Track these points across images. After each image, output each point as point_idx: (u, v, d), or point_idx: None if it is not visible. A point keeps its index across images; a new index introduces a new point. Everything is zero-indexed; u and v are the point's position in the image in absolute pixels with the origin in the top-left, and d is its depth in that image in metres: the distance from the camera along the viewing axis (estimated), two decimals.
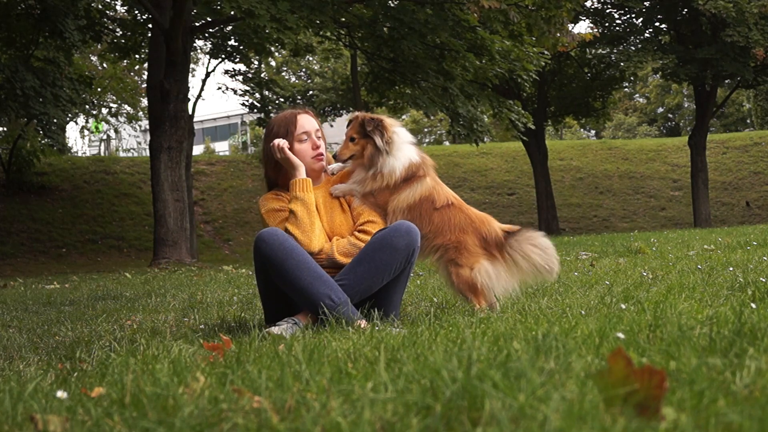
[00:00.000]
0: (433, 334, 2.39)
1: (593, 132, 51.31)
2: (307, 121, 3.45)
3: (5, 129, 22.94)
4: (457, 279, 3.37)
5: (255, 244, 3.17)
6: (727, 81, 24.92)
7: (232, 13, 13.45)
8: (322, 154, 3.46)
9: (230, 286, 6.46)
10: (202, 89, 22.85)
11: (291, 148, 3.39)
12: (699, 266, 4.99)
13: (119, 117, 31.98)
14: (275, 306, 3.29)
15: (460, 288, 3.37)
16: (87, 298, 6.19)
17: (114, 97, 30.31)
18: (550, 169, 25.88)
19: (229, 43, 20.65)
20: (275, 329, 2.99)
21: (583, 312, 2.83)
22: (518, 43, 15.17)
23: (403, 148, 3.47)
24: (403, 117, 43.53)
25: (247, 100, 22.96)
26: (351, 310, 3.06)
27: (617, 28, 23.95)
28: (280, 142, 3.37)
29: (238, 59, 21.66)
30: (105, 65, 28.19)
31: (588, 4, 23.71)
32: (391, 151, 3.42)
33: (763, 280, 3.59)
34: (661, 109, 55.61)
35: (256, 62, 25.12)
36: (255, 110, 22.92)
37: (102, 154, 38.20)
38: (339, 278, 3.19)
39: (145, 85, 20.01)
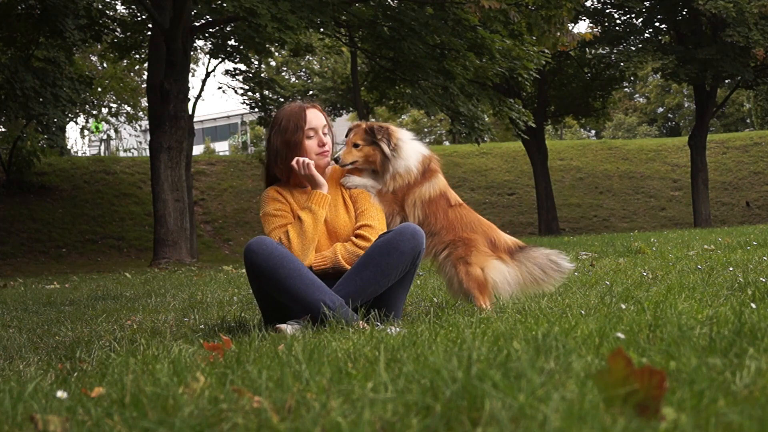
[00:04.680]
0: (433, 334, 2.39)
1: (593, 132, 51.30)
2: (315, 117, 3.41)
3: (5, 129, 22.92)
4: (466, 277, 3.40)
5: (245, 255, 3.15)
6: (727, 81, 24.91)
7: (233, 12, 13.46)
8: (327, 151, 3.45)
9: (230, 286, 6.45)
10: (202, 89, 22.87)
11: (299, 144, 3.36)
12: (699, 266, 4.99)
13: (119, 117, 31.97)
14: (272, 307, 3.28)
15: (468, 286, 3.40)
16: (87, 298, 6.19)
17: (114, 97, 30.31)
18: (550, 169, 25.87)
19: (229, 43, 20.65)
20: (287, 328, 2.97)
21: (583, 312, 2.83)
22: (518, 43, 15.17)
23: (409, 147, 3.55)
24: (403, 117, 43.56)
25: (247, 100, 22.99)
26: (348, 313, 3.05)
27: (617, 28, 23.93)
28: (306, 161, 3.34)
29: (238, 59, 21.67)
30: (105, 65, 28.19)
31: (588, 4, 23.71)
32: (399, 155, 3.50)
33: (763, 280, 3.59)
34: (661, 109, 55.61)
35: (256, 62, 25.12)
36: (255, 108, 22.93)
37: (102, 154, 38.23)
38: (344, 283, 3.17)
39: (145, 85, 20.01)
